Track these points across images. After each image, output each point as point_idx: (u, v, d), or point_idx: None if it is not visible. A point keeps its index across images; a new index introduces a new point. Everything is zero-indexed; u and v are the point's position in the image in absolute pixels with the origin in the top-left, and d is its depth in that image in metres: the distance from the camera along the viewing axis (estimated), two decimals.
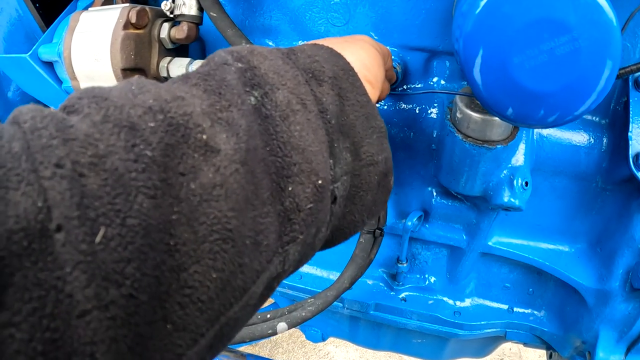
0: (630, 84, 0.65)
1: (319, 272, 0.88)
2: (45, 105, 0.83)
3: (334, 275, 0.87)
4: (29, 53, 0.73)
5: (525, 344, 0.95)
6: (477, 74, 0.43)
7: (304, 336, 1.05)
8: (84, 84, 0.68)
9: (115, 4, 0.74)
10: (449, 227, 0.76)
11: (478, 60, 0.42)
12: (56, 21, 0.76)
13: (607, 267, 0.71)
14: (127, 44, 0.62)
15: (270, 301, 1.06)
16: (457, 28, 0.44)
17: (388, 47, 0.67)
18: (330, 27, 0.70)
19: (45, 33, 0.75)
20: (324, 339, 1.07)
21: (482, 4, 0.40)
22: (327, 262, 0.88)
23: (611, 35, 0.40)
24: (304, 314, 0.68)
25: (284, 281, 0.88)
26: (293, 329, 0.84)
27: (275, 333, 0.66)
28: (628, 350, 0.76)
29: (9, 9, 0.87)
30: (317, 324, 1.02)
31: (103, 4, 0.71)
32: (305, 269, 0.89)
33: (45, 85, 0.77)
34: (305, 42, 0.71)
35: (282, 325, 0.66)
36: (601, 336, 0.75)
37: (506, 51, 0.41)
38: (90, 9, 0.69)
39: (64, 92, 0.77)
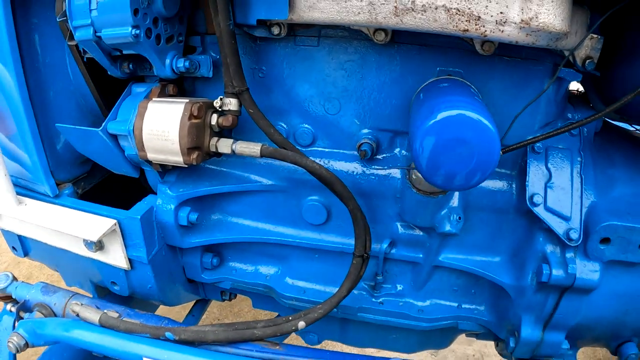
0: (528, 149, 1.04)
1: (317, 286, 1.22)
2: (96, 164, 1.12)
3: (329, 289, 1.21)
4: (101, 128, 1.02)
5: (477, 337, 1.32)
6: (422, 164, 0.79)
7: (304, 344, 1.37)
8: (151, 154, 0.99)
9: (168, 93, 1.05)
10: (410, 249, 1.13)
11: (424, 158, 0.78)
12: (117, 103, 1.05)
13: (521, 270, 1.09)
14: (192, 130, 0.94)
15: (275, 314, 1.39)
16: (412, 136, 0.80)
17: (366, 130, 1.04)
18: (326, 114, 1.06)
19: (111, 112, 1.04)
20: (319, 342, 1.40)
21: (427, 125, 0.77)
22: (324, 279, 1.22)
23: (494, 143, 0.77)
24: (315, 315, 1.02)
25: (291, 294, 1.21)
26: (295, 341, 1.17)
27: (297, 329, 0.99)
28: (545, 327, 1.14)
29: (64, 85, 1.15)
30: (313, 329, 1.36)
31: (159, 95, 1.03)
32: (307, 285, 1.23)
33: (108, 152, 1.06)
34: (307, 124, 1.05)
35: (301, 323, 1.00)
36: (523, 319, 1.12)
37: (436, 153, 0.78)
38: (154, 99, 1.00)
39: (124, 159, 1.08)
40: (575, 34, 0.82)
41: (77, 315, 1.02)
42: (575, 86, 1.17)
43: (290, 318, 1.02)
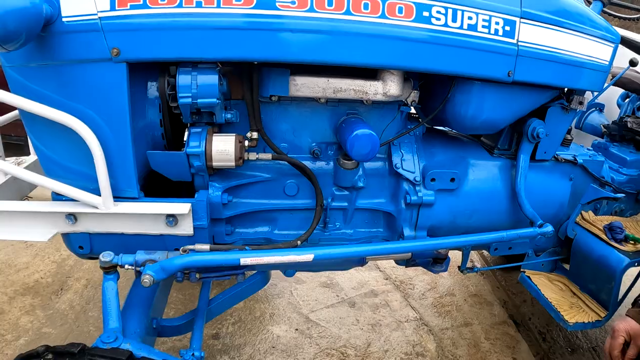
0: (390, 144, 2.36)
1: (293, 232, 2.38)
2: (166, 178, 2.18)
3: (300, 231, 2.37)
4: (183, 152, 2.02)
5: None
6: (350, 152, 2.03)
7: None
8: (215, 163, 2.01)
9: (214, 131, 2.13)
10: (341, 201, 2.35)
11: (351, 150, 2.02)
12: (187, 138, 2.01)
13: (397, 202, 2.38)
14: (239, 149, 2.02)
15: None
16: (345, 142, 2.04)
17: (314, 143, 2.26)
18: (294, 137, 2.24)
19: (186, 143, 1.99)
20: (294, 274, 2.56)
21: (351, 137, 2.01)
22: (296, 227, 2.39)
23: (376, 142, 2.03)
24: (303, 237, 2.16)
25: (280, 239, 2.36)
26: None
27: (297, 245, 2.13)
28: (415, 229, 2.44)
29: (142, 125, 2.08)
30: (290, 265, 2.51)
31: (213, 132, 2.11)
32: (288, 232, 2.38)
33: (180, 166, 2.03)
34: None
35: (298, 242, 2.14)
36: (403, 227, 2.39)
37: (355, 147, 2.02)
38: (214, 134, 2.05)
39: (188, 170, 2.10)
40: (407, 92, 2.15)
41: (189, 251, 2.02)
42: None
43: (291, 242, 2.18)
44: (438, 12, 1.86)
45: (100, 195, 2.02)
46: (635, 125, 2.99)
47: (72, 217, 2.09)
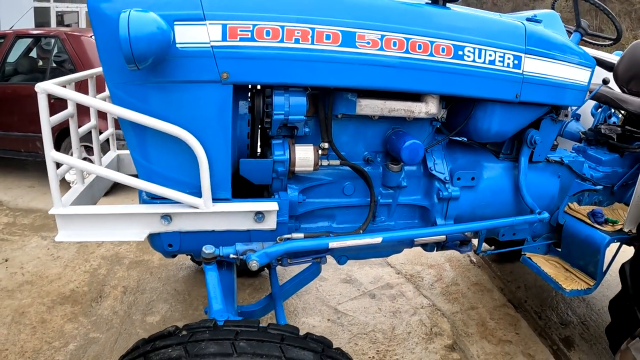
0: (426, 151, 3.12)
1: (348, 225, 3.08)
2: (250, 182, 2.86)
3: (354, 225, 3.08)
4: (271, 159, 2.70)
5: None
6: (403, 159, 2.77)
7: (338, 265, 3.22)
8: (297, 169, 2.69)
9: (293, 143, 2.82)
10: (387, 198, 3.06)
11: (404, 157, 2.75)
12: (272, 147, 2.71)
13: (430, 197, 3.12)
14: (317, 156, 2.70)
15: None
16: (397, 151, 2.78)
17: (367, 152, 2.99)
18: (352, 146, 2.95)
19: (273, 152, 2.69)
20: (346, 262, 3.25)
21: (403, 147, 2.75)
22: (351, 221, 3.09)
23: (422, 149, 2.79)
24: (364, 227, 2.87)
25: (338, 231, 3.06)
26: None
27: (360, 232, 2.83)
28: (445, 218, 3.19)
29: (232, 136, 2.79)
30: (344, 253, 3.20)
31: (294, 144, 2.78)
32: (344, 225, 3.08)
33: (267, 171, 2.67)
34: None
35: (361, 231, 2.84)
36: (436, 218, 3.15)
37: (407, 154, 2.75)
38: (295, 144, 2.72)
39: (270, 174, 2.76)
40: (439, 110, 2.91)
41: (287, 239, 2.67)
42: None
43: (356, 230, 2.88)
44: (469, 51, 2.63)
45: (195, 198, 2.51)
46: (607, 131, 3.86)
47: (168, 217, 2.48)
